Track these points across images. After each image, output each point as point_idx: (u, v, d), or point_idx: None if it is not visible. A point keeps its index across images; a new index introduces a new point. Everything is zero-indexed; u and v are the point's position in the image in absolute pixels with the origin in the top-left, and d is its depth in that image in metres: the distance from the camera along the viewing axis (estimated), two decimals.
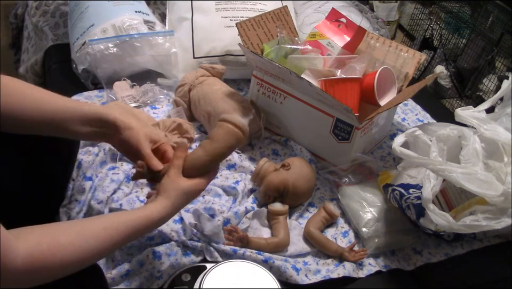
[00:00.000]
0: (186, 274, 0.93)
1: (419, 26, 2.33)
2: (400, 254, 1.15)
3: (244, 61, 1.55)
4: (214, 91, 1.37)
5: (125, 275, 0.96)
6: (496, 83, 1.93)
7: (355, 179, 1.26)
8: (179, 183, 0.84)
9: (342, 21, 1.44)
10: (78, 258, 0.68)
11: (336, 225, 1.19)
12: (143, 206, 0.88)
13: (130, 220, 0.77)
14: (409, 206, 1.09)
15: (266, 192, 1.17)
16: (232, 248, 1.04)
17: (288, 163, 1.21)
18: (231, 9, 1.64)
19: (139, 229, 0.78)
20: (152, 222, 0.81)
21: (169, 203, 0.82)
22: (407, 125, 1.58)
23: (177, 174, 0.85)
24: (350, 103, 1.23)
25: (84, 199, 1.10)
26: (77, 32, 1.54)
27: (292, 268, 1.03)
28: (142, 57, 1.51)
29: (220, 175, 1.25)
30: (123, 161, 1.21)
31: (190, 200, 0.87)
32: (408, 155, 1.06)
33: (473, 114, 1.13)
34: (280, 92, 1.36)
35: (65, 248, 0.66)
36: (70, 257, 0.67)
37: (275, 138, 1.41)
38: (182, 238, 1.04)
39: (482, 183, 0.96)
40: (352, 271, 1.07)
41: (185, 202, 0.86)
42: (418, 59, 1.41)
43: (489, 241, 1.22)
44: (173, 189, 0.83)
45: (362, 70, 1.36)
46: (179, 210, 0.88)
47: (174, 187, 0.83)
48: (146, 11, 1.65)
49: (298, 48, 1.41)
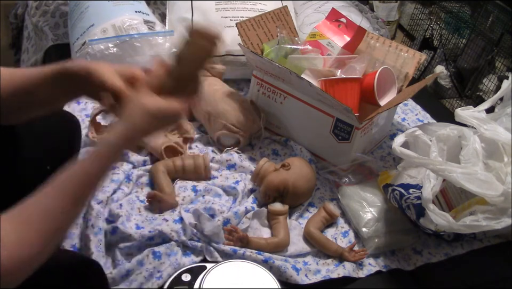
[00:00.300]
0: (186, 274, 0.93)
1: (419, 26, 2.33)
2: (400, 254, 1.15)
3: (244, 61, 1.55)
4: (214, 91, 1.37)
5: (125, 275, 0.96)
6: (496, 83, 1.93)
7: (355, 179, 1.26)
8: (142, 101, 0.73)
9: (342, 21, 1.44)
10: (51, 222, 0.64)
11: (336, 225, 1.19)
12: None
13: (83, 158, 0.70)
14: (409, 206, 1.09)
15: (266, 192, 1.17)
16: (232, 248, 1.04)
17: (288, 163, 1.21)
18: (231, 9, 1.64)
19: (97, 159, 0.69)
20: (109, 145, 0.71)
21: (128, 124, 0.72)
22: (407, 125, 1.58)
23: (142, 92, 0.74)
24: (350, 103, 1.23)
25: None
26: (77, 32, 1.54)
27: (292, 268, 1.03)
28: (142, 57, 1.50)
29: (219, 175, 1.25)
30: (123, 161, 1.22)
31: (160, 123, 0.75)
32: (408, 155, 1.06)
33: (473, 114, 1.13)
34: (280, 92, 1.36)
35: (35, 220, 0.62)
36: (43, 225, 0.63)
37: (275, 138, 1.41)
38: (182, 238, 1.04)
39: (482, 183, 0.96)
40: (352, 271, 1.07)
41: (153, 124, 0.74)
42: (418, 59, 1.41)
43: (489, 241, 1.21)
44: (133, 106, 0.73)
45: (362, 70, 1.36)
46: (147, 134, 0.76)
47: (135, 105, 0.73)
48: (146, 12, 1.65)
49: (298, 48, 1.41)
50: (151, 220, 1.08)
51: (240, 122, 1.31)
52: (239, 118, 1.31)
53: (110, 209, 1.07)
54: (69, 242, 1.02)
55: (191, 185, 1.20)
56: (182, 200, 1.16)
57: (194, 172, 1.22)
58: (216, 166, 1.27)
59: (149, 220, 1.08)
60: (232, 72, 1.60)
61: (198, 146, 1.35)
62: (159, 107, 0.73)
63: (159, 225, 1.05)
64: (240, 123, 1.31)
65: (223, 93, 1.37)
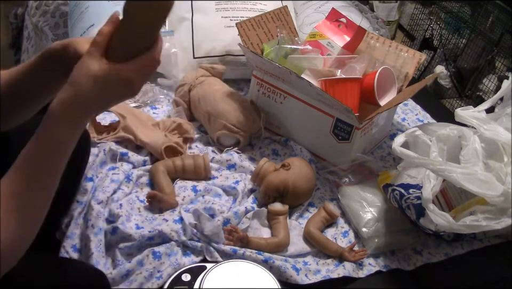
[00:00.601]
0: (186, 274, 0.93)
1: (419, 26, 2.33)
2: (400, 254, 1.15)
3: (244, 61, 1.55)
4: (214, 91, 1.37)
5: (125, 275, 0.96)
6: (496, 83, 1.93)
7: (355, 179, 1.26)
8: (87, 65, 0.64)
9: (342, 21, 1.44)
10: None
11: (336, 225, 1.19)
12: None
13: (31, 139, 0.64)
14: (409, 206, 1.09)
15: (266, 192, 1.17)
16: (232, 248, 1.04)
17: (288, 163, 1.21)
18: (231, 9, 1.64)
19: (42, 137, 0.63)
20: (53, 113, 0.63)
21: (71, 90, 0.63)
22: (407, 125, 1.58)
23: (91, 53, 0.65)
24: (350, 103, 1.23)
25: (85, 199, 1.10)
26: (77, 32, 1.54)
27: (292, 268, 1.03)
28: None
29: (219, 175, 1.25)
30: (123, 161, 1.22)
31: (110, 90, 0.65)
32: (408, 155, 1.06)
33: (473, 114, 1.13)
34: (280, 92, 1.36)
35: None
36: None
37: (275, 138, 1.41)
38: (182, 238, 1.04)
39: (482, 183, 0.97)
40: (352, 271, 1.07)
41: (102, 91, 0.65)
42: (418, 59, 1.41)
43: (489, 241, 1.21)
44: (78, 70, 0.64)
45: (362, 70, 1.36)
46: (98, 103, 0.66)
47: (80, 68, 0.64)
48: None
49: (298, 48, 1.41)
50: (151, 220, 1.08)
51: (240, 122, 1.31)
52: (239, 118, 1.31)
53: (110, 209, 1.07)
54: (69, 242, 1.02)
55: (191, 185, 1.20)
56: (182, 200, 1.16)
57: (194, 172, 1.22)
58: (216, 166, 1.27)
59: (149, 220, 1.08)
60: (232, 72, 1.60)
61: (198, 146, 1.35)
62: (116, 75, 0.64)
63: (159, 225, 1.05)
64: (240, 123, 1.31)
65: (223, 93, 1.37)
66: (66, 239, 1.02)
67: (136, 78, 0.66)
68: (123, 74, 0.64)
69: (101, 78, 0.63)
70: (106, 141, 1.25)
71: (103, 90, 0.64)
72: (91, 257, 0.97)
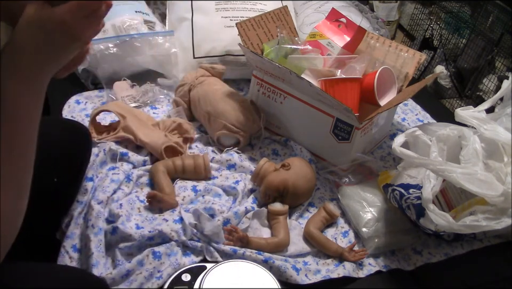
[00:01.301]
0: (186, 274, 0.93)
1: (419, 26, 2.33)
2: (400, 254, 1.15)
3: (244, 61, 1.55)
4: (214, 91, 1.37)
5: (125, 275, 0.96)
6: (496, 83, 1.93)
7: (355, 179, 1.26)
8: (26, 10, 0.57)
9: (342, 21, 1.44)
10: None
11: (336, 225, 1.19)
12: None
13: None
14: (409, 206, 1.09)
15: (266, 192, 1.17)
16: (232, 248, 1.04)
17: (288, 163, 1.21)
18: (231, 9, 1.64)
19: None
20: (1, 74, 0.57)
21: (14, 43, 0.58)
22: (407, 125, 1.58)
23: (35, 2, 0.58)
24: (350, 103, 1.23)
25: (85, 199, 1.10)
26: None
27: (292, 268, 1.03)
28: (142, 57, 1.51)
29: (219, 175, 1.25)
30: (123, 161, 1.22)
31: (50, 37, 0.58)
32: (408, 155, 1.06)
33: (473, 114, 1.13)
34: (280, 92, 1.36)
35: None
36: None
37: (275, 138, 1.41)
38: (182, 238, 1.04)
39: (482, 183, 0.97)
40: (352, 271, 1.07)
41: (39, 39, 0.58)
42: (418, 59, 1.41)
43: (489, 241, 1.22)
44: (20, 21, 0.58)
45: (362, 70, 1.36)
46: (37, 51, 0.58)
47: (22, 16, 0.58)
48: (146, 12, 1.65)
49: (298, 48, 1.41)
50: (151, 220, 1.08)
51: (240, 122, 1.31)
52: (239, 118, 1.31)
53: (110, 209, 1.07)
54: (70, 242, 1.02)
55: (191, 185, 1.20)
56: (182, 200, 1.16)
57: (194, 172, 1.22)
58: (216, 166, 1.27)
59: (149, 220, 1.08)
60: (232, 72, 1.60)
61: (198, 146, 1.35)
62: (39, 16, 0.57)
63: (159, 225, 1.05)
64: (240, 123, 1.31)
65: (223, 93, 1.37)
66: (66, 239, 1.02)
67: (72, 20, 0.58)
68: (56, 16, 0.57)
69: (36, 23, 0.57)
70: (106, 141, 1.25)
71: (42, 38, 0.58)
72: (91, 257, 0.97)
